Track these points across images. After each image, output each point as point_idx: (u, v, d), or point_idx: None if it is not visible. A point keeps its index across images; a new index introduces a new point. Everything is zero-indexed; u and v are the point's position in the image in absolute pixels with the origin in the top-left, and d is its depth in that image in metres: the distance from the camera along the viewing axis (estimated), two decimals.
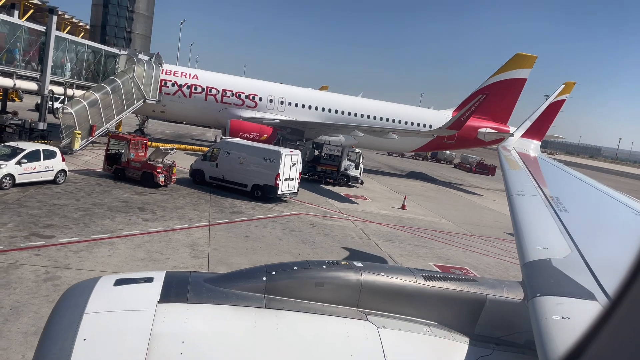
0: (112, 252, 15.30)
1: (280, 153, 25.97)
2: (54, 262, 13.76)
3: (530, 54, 49.36)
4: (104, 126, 32.37)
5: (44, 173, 21.87)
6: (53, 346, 3.44)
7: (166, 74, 41.32)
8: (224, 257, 16.42)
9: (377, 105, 48.54)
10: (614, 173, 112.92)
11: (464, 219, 30.53)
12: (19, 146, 21.76)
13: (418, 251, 20.99)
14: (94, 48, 36.16)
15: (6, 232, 15.60)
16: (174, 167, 25.98)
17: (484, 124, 48.55)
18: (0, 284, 11.91)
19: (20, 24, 28.79)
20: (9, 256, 13.69)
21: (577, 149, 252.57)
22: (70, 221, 17.65)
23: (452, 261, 20.31)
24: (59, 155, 22.68)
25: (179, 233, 18.36)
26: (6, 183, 20.27)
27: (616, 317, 2.04)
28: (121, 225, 18.10)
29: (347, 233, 22.24)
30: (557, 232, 5.84)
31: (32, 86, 30.25)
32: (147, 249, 16.01)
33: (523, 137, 19.54)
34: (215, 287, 4.09)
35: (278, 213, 24.14)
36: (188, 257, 15.87)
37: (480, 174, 63.49)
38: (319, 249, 19.13)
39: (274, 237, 19.85)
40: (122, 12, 79.11)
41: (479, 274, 18.77)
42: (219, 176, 27.22)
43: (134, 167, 25.60)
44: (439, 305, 4.41)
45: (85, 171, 26.62)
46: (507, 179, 10.44)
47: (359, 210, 27.77)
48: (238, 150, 27.11)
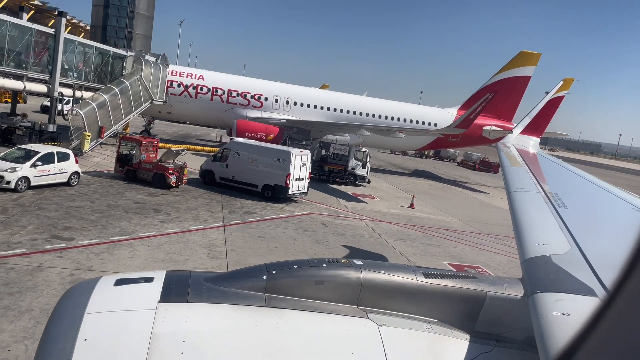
0: (132, 253, 15.45)
1: (291, 153, 26.11)
2: (77, 264, 13.92)
3: (534, 51, 49.56)
4: (112, 127, 32.52)
5: (58, 175, 22.02)
6: (54, 346, 3.45)
7: (172, 75, 41.44)
8: (241, 257, 16.57)
9: (382, 104, 48.68)
10: (614, 169, 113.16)
11: (473, 217, 30.69)
12: (33, 149, 21.89)
13: (431, 250, 21.15)
14: (101, 50, 36.30)
15: (27, 234, 15.75)
16: (185, 168, 26.13)
17: (488, 122, 48.69)
18: (27, 286, 12.07)
19: (30, 26, 28.93)
20: (32, 259, 13.85)
21: (578, 146, 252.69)
22: (88, 223, 17.80)
23: (466, 260, 20.46)
24: (72, 157, 22.83)
25: (195, 234, 18.51)
26: (21, 185, 20.42)
27: (613, 311, 2.04)
28: (138, 227, 18.25)
29: (359, 232, 22.40)
30: (557, 229, 5.85)
31: (41, 88, 30.41)
32: (166, 250, 16.17)
33: (522, 133, 19.59)
34: (216, 286, 4.08)
35: (290, 213, 24.29)
36: (207, 258, 16.03)
37: (483, 171, 63.60)
38: (333, 249, 19.29)
39: (288, 237, 20.01)
40: (122, 13, 79.47)
41: (492, 272, 18.93)
42: (229, 177, 27.37)
43: (145, 169, 25.74)
44: (439, 302, 4.40)
45: (96, 173, 26.76)
46: (507, 175, 10.47)
47: (369, 210, 27.92)
48: (248, 151, 27.25)
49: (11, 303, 11.08)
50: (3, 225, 16.32)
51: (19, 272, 12.78)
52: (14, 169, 20.21)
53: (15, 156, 21.17)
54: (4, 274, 12.58)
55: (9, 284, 12.04)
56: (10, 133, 29.97)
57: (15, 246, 14.56)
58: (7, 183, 19.97)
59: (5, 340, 9.55)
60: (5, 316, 10.48)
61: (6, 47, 27.65)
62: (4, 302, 11.06)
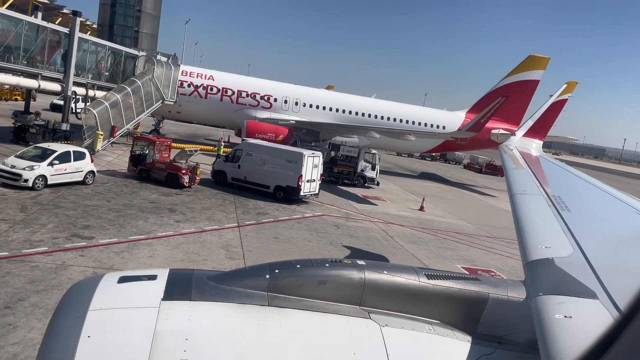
0: (151, 253, 15.61)
1: (303, 155, 26.24)
2: (99, 263, 14.08)
3: (542, 55, 49.59)
4: (124, 127, 32.72)
5: (74, 174, 22.20)
6: (57, 343, 3.45)
7: (182, 75, 41.63)
8: (258, 258, 16.70)
9: (391, 107, 48.76)
10: (619, 173, 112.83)
11: (483, 221, 30.78)
12: (50, 147, 22.08)
13: (444, 253, 21.25)
14: (114, 49, 36.51)
15: (47, 233, 15.93)
16: (197, 168, 26.29)
17: (496, 125, 48.71)
18: (53, 284, 12.23)
19: (46, 25, 29.14)
20: (55, 257, 14.02)
21: (582, 149, 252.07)
22: (106, 222, 17.97)
23: (478, 263, 20.56)
24: (88, 156, 23.02)
25: (211, 234, 18.66)
26: (39, 184, 20.61)
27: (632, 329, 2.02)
28: (155, 227, 18.41)
29: (372, 235, 22.51)
30: (560, 232, 5.83)
31: (55, 87, 30.65)
32: (184, 250, 16.32)
33: (525, 136, 19.52)
34: (219, 284, 4.07)
35: (302, 214, 24.42)
36: (225, 259, 16.17)
37: (490, 174, 63.65)
38: (346, 251, 19.42)
39: (302, 238, 20.14)
40: (129, 12, 79.57)
41: (505, 276, 19.03)
42: (241, 177, 27.52)
43: (158, 168, 25.91)
44: (442, 303, 4.39)
45: (110, 172, 26.94)
46: (509, 178, 10.41)
47: (379, 212, 28.03)
48: (260, 152, 27.39)
49: (38, 301, 11.24)
50: (24, 223, 16.51)
51: (43, 270, 12.95)
52: (31, 167, 20.40)
53: (32, 155, 21.36)
54: (29, 272, 12.75)
55: (35, 281, 12.21)
56: (24, 131, 30.21)
57: (37, 244, 14.73)
58: (25, 181, 20.16)
59: (35, 337, 9.69)
60: (33, 314, 10.64)
61: (22, 46, 27.87)
62: (31, 300, 11.22)
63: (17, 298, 11.21)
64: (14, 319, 10.26)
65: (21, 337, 9.65)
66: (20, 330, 9.87)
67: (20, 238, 15.06)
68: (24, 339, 9.57)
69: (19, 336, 9.66)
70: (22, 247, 14.38)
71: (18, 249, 14.20)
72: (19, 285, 11.87)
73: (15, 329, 9.89)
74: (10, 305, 10.85)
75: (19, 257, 13.61)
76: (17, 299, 11.15)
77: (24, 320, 10.29)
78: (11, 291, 11.50)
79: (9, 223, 16.28)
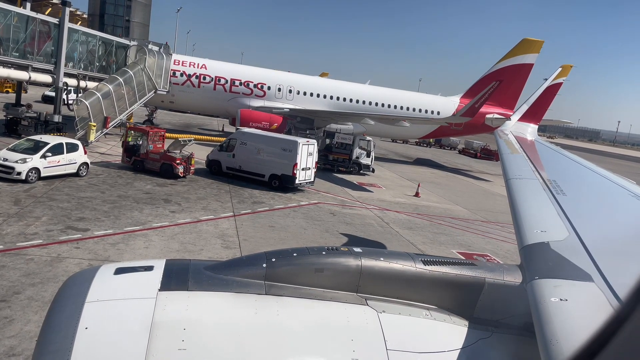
0: (147, 244, 15.59)
1: (298, 143, 26.17)
2: (95, 255, 14.05)
3: (536, 39, 49.44)
4: (117, 118, 32.50)
5: (67, 166, 22.07)
6: (55, 335, 3.45)
7: (175, 64, 41.29)
8: (254, 247, 16.71)
9: (386, 93, 48.61)
10: (613, 156, 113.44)
11: (478, 206, 30.89)
12: (43, 139, 21.91)
13: (439, 239, 21.34)
14: (105, 39, 36.13)
15: (42, 225, 15.87)
16: (192, 158, 26.19)
17: (491, 110, 48.67)
18: (48, 277, 12.21)
19: (35, 16, 28.76)
20: (50, 250, 13.98)
21: (576, 133, 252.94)
22: (100, 214, 17.92)
23: (474, 248, 20.67)
24: (81, 148, 22.86)
25: (206, 224, 18.64)
26: (32, 177, 20.47)
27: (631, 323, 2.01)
28: (150, 217, 18.37)
29: (368, 222, 22.56)
30: (555, 215, 5.86)
31: (46, 79, 30.37)
32: (180, 241, 16.31)
33: (520, 120, 19.56)
34: (216, 274, 4.07)
35: (297, 202, 24.42)
36: (221, 248, 16.18)
37: (485, 159, 63.81)
38: (343, 238, 19.47)
39: (298, 226, 20.16)
40: (120, 1, 78.71)
41: (501, 260, 19.15)
42: (236, 166, 27.44)
43: (152, 159, 25.80)
44: (438, 289, 4.40)
45: (103, 163, 26.81)
46: (505, 162, 10.45)
47: (375, 199, 28.07)
48: (255, 141, 27.29)
49: (34, 294, 11.22)
50: (18, 216, 16.43)
51: (38, 263, 12.92)
52: (24, 160, 20.26)
53: (25, 147, 21.20)
54: (24, 265, 12.72)
55: (30, 274, 12.19)
56: (15, 124, 29.94)
57: (32, 237, 14.68)
58: (18, 174, 20.03)
59: (32, 330, 9.68)
60: (29, 307, 10.63)
61: (11, 37, 27.53)
62: (27, 293, 11.21)
63: (13, 291, 11.19)
64: (10, 312, 10.26)
65: (18, 330, 9.65)
66: (16, 323, 9.86)
67: (14, 231, 14.99)
68: (21, 332, 9.58)
69: (15, 329, 9.66)
70: (16, 240, 14.32)
71: (13, 242, 14.14)
72: (15, 278, 11.85)
73: (11, 322, 9.89)
74: (6, 298, 10.84)
75: (13, 251, 13.56)
76: (13, 292, 11.13)
77: (20, 313, 10.28)
78: (7, 284, 11.47)
79: (2, 216, 16.19)
